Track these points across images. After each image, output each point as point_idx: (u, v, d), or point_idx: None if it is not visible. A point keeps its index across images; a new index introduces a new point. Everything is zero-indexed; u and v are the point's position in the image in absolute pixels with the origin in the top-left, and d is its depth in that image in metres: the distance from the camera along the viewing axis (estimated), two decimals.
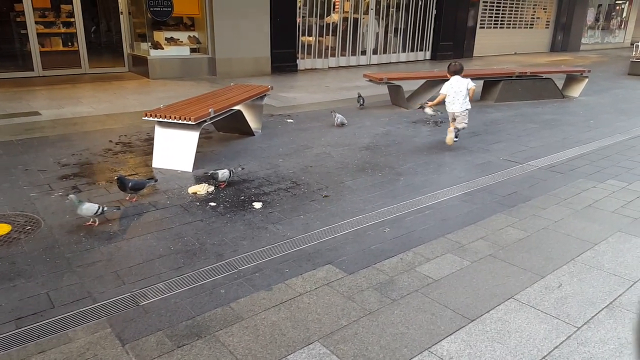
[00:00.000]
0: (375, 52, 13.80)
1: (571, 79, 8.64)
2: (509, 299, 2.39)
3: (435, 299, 2.37)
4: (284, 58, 11.18)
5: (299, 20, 11.45)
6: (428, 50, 15.18)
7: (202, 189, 3.61)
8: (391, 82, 7.11)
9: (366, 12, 13.15)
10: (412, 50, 14.79)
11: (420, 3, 14.32)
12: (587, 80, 8.48)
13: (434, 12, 14.74)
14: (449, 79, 5.09)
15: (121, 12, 9.84)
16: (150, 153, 4.29)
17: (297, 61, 11.67)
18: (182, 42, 10.04)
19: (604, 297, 2.43)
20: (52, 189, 3.65)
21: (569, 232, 3.18)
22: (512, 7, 17.62)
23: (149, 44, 9.53)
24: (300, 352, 1.97)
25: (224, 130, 5.43)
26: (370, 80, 7.29)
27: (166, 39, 9.88)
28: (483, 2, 16.28)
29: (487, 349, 2.03)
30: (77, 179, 3.88)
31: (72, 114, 6.23)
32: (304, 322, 2.17)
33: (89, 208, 2.95)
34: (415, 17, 14.41)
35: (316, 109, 7.07)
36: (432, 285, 2.51)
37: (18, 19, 8.96)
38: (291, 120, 6.34)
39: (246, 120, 5.15)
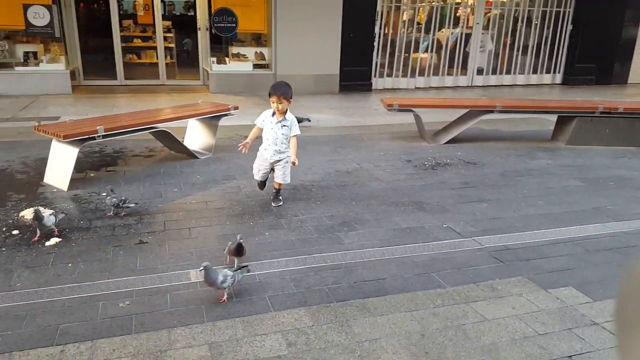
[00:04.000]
0: (482, 72, 12.21)
1: None
2: None
3: None
4: (355, 76, 10.67)
5: (379, 34, 10.83)
6: (558, 72, 12.81)
7: (30, 214, 3.50)
8: (404, 109, 6.07)
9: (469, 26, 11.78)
10: (535, 72, 12.65)
11: (550, 16, 12.19)
12: None
13: (569, 27, 12.37)
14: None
15: (199, 28, 10.64)
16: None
17: (374, 80, 11.02)
18: (247, 58, 10.36)
19: None
20: None
21: None
22: None
23: (213, 59, 10.07)
24: None
25: (174, 149, 5.30)
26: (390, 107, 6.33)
27: (233, 54, 10.33)
28: None
29: None
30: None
31: None
32: None
33: None
34: (542, 33, 12.32)
35: (324, 134, 6.46)
36: None
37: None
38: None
39: (178, 141, 4.93)
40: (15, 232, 3.28)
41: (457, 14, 11.70)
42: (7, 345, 2.15)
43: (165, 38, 11.29)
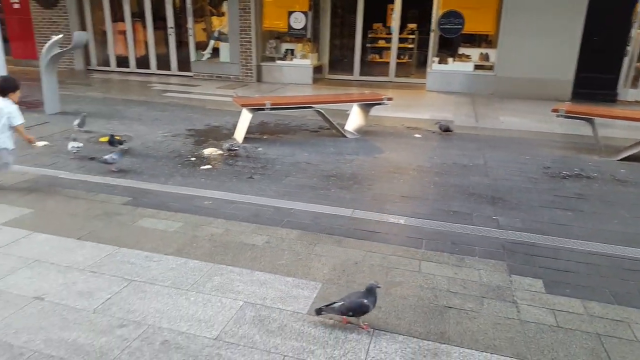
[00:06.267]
0: None
1: None
2: None
3: None
4: (596, 84, 9.96)
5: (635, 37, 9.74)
6: None
7: (211, 152, 5.68)
8: (575, 116, 5.96)
9: None
10: None
11: None
12: None
13: None
14: None
15: (432, 30, 11.90)
16: None
17: (622, 90, 10.00)
18: (469, 58, 11.04)
19: None
20: None
21: None
22: None
23: (435, 58, 11.19)
24: None
25: (332, 128, 6.90)
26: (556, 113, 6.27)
27: (458, 55, 11.19)
28: None
29: None
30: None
31: None
32: None
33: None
34: None
35: (503, 136, 6.92)
36: None
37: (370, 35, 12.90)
38: (418, 136, 6.83)
39: (329, 120, 6.48)
40: (192, 159, 5.49)
41: None
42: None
43: (405, 39, 13.03)
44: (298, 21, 11.37)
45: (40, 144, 5.32)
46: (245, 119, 6.18)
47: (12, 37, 13.39)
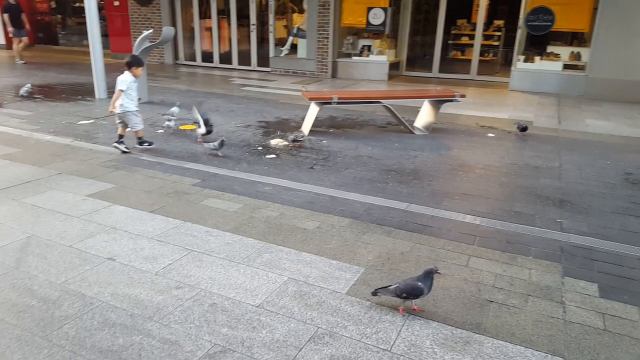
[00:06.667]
0: None
1: None
2: None
3: None
4: None
5: None
6: None
7: (277, 142, 5.99)
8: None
9: None
10: None
11: None
12: None
13: None
14: None
15: (519, 27, 11.48)
16: None
17: None
18: (558, 57, 10.52)
19: None
20: None
21: None
22: None
23: (520, 57, 10.79)
24: None
25: (400, 124, 6.96)
26: None
27: (546, 53, 10.72)
28: None
29: None
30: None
31: None
32: None
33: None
34: None
35: (585, 139, 6.63)
36: None
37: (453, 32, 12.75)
38: (492, 135, 6.69)
39: (397, 116, 6.54)
40: (259, 148, 5.82)
41: None
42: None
43: (491, 36, 12.67)
44: (377, 17, 11.47)
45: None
46: (313, 112, 6.41)
47: (111, 32, 14.74)
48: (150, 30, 8.14)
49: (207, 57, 13.96)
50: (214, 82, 11.17)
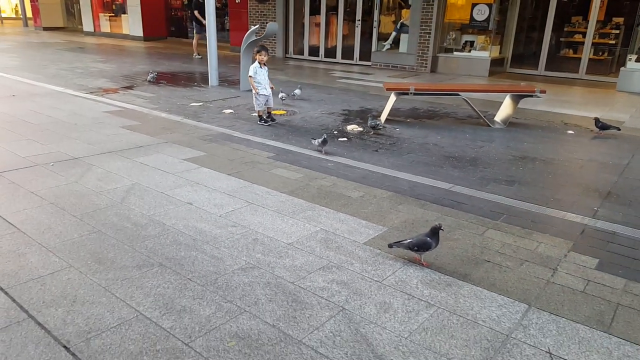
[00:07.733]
0: None
1: None
2: None
3: None
4: None
5: None
6: None
7: (353, 128, 6.73)
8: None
9: None
10: None
11: None
12: None
13: None
14: None
15: (637, 25, 10.90)
16: None
17: None
18: None
19: None
20: None
21: None
22: None
23: (633, 56, 10.28)
24: None
25: (476, 114, 7.29)
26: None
27: None
28: None
29: None
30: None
31: None
32: None
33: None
34: None
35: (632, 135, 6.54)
36: None
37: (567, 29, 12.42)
38: (571, 132, 6.76)
39: (474, 108, 6.89)
40: (335, 132, 6.59)
41: None
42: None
43: (607, 34, 12.11)
44: (481, 13, 11.62)
45: (227, 111, 7.20)
46: (391, 101, 7.02)
47: (232, 27, 16.50)
48: (257, 26, 9.30)
49: (314, 51, 15.05)
50: (314, 75, 12.17)
